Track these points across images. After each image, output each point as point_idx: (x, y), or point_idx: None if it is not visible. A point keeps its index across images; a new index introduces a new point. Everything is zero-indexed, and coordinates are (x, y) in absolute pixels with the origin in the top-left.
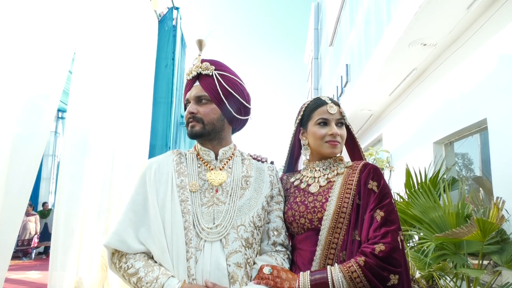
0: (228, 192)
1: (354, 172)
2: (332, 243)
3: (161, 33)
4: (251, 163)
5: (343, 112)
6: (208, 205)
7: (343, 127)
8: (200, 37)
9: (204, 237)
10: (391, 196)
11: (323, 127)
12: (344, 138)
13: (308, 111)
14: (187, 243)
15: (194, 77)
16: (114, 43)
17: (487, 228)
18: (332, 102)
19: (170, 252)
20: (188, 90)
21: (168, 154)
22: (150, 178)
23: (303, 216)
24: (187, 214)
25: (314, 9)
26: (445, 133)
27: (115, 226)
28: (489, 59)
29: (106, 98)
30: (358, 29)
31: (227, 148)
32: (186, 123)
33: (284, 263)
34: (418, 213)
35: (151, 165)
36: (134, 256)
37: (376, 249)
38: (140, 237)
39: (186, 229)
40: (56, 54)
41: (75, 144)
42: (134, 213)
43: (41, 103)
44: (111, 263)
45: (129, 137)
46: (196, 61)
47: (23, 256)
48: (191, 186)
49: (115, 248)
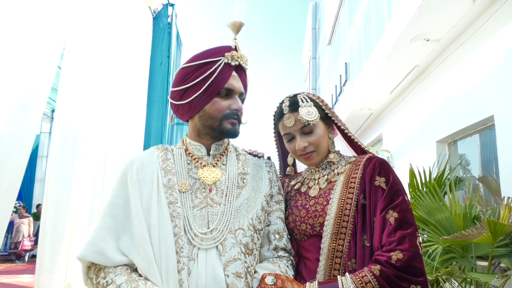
0: (223, 192)
1: (357, 168)
2: (336, 251)
3: (155, 30)
4: (247, 159)
5: (307, 114)
6: (200, 207)
7: (313, 131)
8: (235, 19)
9: (198, 244)
10: (404, 193)
11: (291, 142)
12: (318, 143)
13: (275, 123)
14: (178, 252)
15: (236, 66)
16: (106, 39)
17: (498, 230)
18: (290, 111)
19: (158, 263)
20: (225, 76)
21: (152, 150)
22: (132, 177)
23: (304, 222)
24: (177, 218)
25: (312, 9)
26: (449, 131)
27: (90, 234)
28: (495, 54)
29: (98, 96)
30: (357, 26)
31: (221, 142)
32: (232, 118)
33: (288, 270)
34: (423, 214)
35: (133, 163)
36: (115, 269)
37: (393, 258)
38: (121, 247)
39: (176, 235)
40: (44, 49)
41: (64, 143)
42: (114, 218)
43: (28, 101)
44: (87, 278)
45: (122, 137)
46: (233, 44)
47: (16, 259)
48: (181, 185)
49: (92, 261)
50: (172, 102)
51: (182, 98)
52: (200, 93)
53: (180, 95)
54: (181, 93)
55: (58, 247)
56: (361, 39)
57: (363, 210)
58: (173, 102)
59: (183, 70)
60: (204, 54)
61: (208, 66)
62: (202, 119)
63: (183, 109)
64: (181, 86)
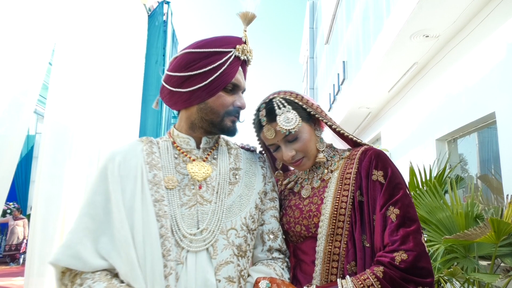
0: (214, 188)
1: (352, 163)
2: (333, 254)
3: (151, 28)
4: (239, 153)
5: (286, 122)
6: (189, 205)
7: (298, 137)
8: (247, 9)
9: (186, 247)
10: (404, 186)
11: (277, 151)
12: (305, 148)
13: (256, 133)
14: (165, 255)
15: (243, 61)
16: (100, 37)
17: (502, 229)
18: (268, 121)
19: (142, 268)
20: (233, 70)
21: (135, 143)
22: (113, 173)
23: (298, 223)
24: (163, 217)
25: (309, 8)
26: (449, 129)
27: (65, 237)
28: (497, 49)
29: (91, 95)
30: (355, 24)
31: (211, 135)
32: (233, 115)
33: (283, 273)
34: (424, 214)
35: (114, 157)
36: (93, 275)
37: (397, 259)
38: (101, 250)
39: (163, 237)
40: (35, 46)
41: (55, 143)
42: (92, 218)
43: (19, 98)
44: (61, 284)
45: (116, 137)
46: (243, 37)
47: (10, 262)
48: (167, 181)
49: (67, 267)
50: (166, 87)
51: (183, 86)
52: (206, 84)
53: (180, 81)
54: (182, 80)
55: (49, 249)
56: (359, 37)
57: (361, 207)
58: (169, 88)
59: (189, 55)
60: (215, 42)
61: (219, 56)
62: (201, 112)
63: (181, 98)
64: (184, 73)
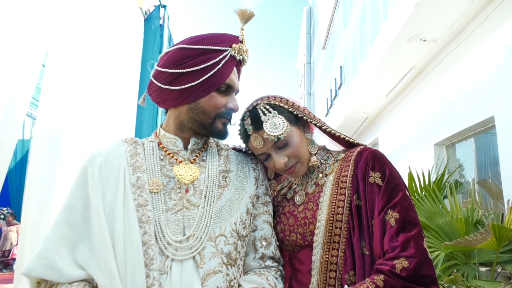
0: (202, 192)
1: (347, 165)
2: (330, 263)
3: (147, 31)
4: (229, 155)
5: (274, 128)
6: (175, 210)
7: (288, 143)
8: (245, 7)
9: (171, 255)
10: (404, 188)
11: (268, 160)
12: (297, 153)
13: (244, 143)
14: (147, 265)
15: (238, 61)
16: (96, 41)
17: (503, 235)
18: (254, 130)
19: (123, 279)
20: (228, 70)
21: (119, 144)
22: (94, 175)
23: (293, 231)
24: (147, 223)
25: (306, 14)
26: (447, 134)
27: (40, 244)
28: (495, 53)
29: (86, 98)
30: (352, 29)
31: (201, 136)
32: (225, 117)
33: (277, 283)
34: (423, 219)
35: (94, 159)
36: (70, 286)
37: (397, 267)
38: (78, 259)
39: (146, 244)
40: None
41: (48, 146)
42: (70, 225)
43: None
44: None
45: (111, 141)
46: (240, 36)
47: (3, 268)
48: (152, 185)
49: (41, 277)
50: (155, 83)
51: (173, 83)
52: (198, 83)
53: (171, 79)
54: (173, 77)
55: None
56: (356, 41)
57: (358, 212)
58: (158, 84)
59: (182, 51)
60: (210, 39)
61: (214, 55)
62: (192, 112)
63: (170, 96)
64: (175, 69)
